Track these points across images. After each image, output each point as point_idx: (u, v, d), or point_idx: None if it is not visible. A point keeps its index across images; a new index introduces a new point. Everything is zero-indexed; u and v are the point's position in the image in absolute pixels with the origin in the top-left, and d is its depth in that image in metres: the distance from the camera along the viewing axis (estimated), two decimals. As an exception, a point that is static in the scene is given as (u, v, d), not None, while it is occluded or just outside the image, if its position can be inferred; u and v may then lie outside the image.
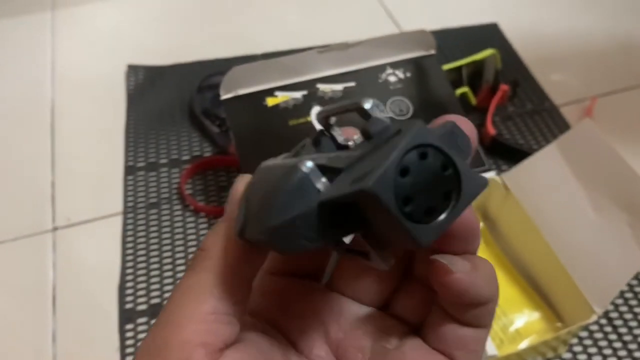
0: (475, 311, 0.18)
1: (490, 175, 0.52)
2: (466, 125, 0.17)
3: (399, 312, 0.20)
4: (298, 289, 0.21)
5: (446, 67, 0.63)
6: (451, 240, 0.18)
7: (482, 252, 0.53)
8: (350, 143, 0.18)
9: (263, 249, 0.18)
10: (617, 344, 0.48)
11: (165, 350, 0.16)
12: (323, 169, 0.16)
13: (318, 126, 0.18)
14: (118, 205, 0.57)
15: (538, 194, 0.49)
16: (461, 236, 0.18)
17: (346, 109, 0.17)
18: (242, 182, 0.19)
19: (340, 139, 0.18)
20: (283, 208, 0.15)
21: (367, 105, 0.16)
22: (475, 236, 0.18)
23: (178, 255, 0.53)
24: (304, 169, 0.15)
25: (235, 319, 0.18)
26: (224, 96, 0.52)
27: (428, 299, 0.20)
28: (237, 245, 0.18)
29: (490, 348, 0.44)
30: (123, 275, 0.51)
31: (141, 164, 0.60)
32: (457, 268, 0.17)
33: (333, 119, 0.18)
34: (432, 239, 0.15)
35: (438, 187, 0.14)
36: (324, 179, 0.15)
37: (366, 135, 0.16)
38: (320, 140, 0.18)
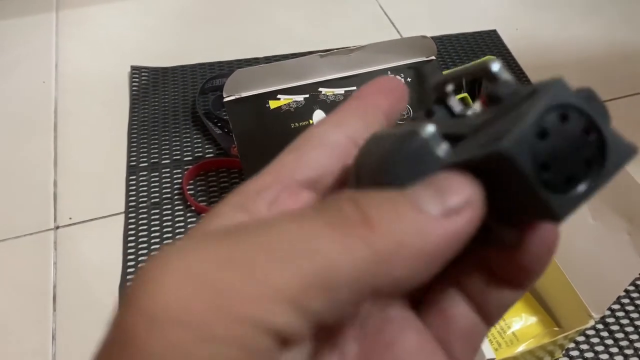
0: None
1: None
2: (393, 82, 0.17)
3: None
4: None
5: (446, 72, 0.63)
6: None
7: (481, 256, 0.53)
8: (470, 112, 0.16)
9: None
10: (614, 349, 0.49)
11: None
12: (444, 136, 0.14)
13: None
14: (120, 205, 0.57)
15: (536, 199, 0.49)
16: None
17: (471, 73, 0.16)
18: None
19: (457, 108, 0.16)
20: (399, 175, 0.14)
21: (495, 67, 0.15)
22: None
23: (179, 255, 0.53)
24: (424, 134, 0.14)
25: None
26: (227, 98, 0.52)
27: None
28: None
29: (488, 351, 0.44)
30: (124, 274, 0.52)
31: (144, 164, 0.61)
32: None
33: (450, 87, 0.16)
34: (570, 211, 0.13)
35: (580, 153, 0.13)
36: (445, 146, 0.14)
37: (494, 99, 0.14)
38: (434, 111, 0.16)
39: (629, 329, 0.50)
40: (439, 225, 0.13)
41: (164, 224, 0.55)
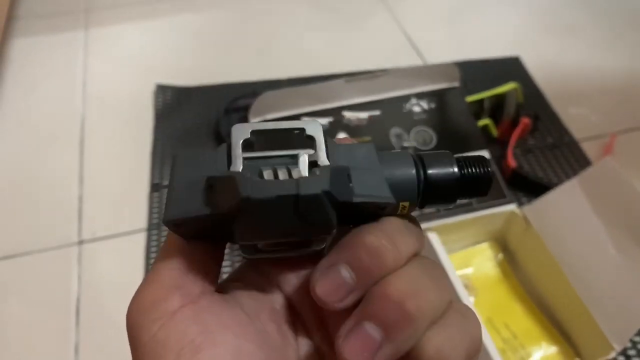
0: None
1: (510, 207, 0.52)
2: None
3: None
4: None
5: (469, 98, 0.64)
6: None
7: (501, 283, 0.53)
8: None
9: None
10: (635, 382, 0.48)
11: (143, 295, 0.19)
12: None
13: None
14: (143, 222, 0.58)
15: (558, 229, 0.49)
16: None
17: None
18: None
19: None
20: None
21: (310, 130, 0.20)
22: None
23: (200, 273, 0.54)
24: None
25: (207, 271, 0.19)
26: (253, 120, 0.53)
27: None
28: None
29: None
30: (146, 291, 0.52)
31: (167, 182, 0.62)
32: None
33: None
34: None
35: None
36: None
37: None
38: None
39: (651, 362, 0.49)
40: None
41: (186, 241, 0.56)
